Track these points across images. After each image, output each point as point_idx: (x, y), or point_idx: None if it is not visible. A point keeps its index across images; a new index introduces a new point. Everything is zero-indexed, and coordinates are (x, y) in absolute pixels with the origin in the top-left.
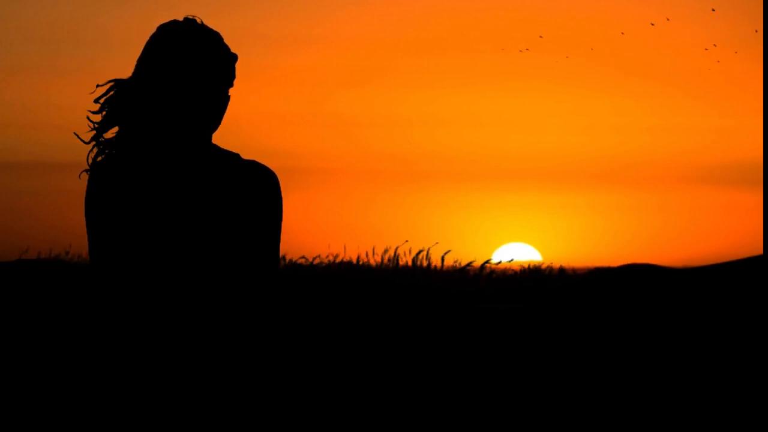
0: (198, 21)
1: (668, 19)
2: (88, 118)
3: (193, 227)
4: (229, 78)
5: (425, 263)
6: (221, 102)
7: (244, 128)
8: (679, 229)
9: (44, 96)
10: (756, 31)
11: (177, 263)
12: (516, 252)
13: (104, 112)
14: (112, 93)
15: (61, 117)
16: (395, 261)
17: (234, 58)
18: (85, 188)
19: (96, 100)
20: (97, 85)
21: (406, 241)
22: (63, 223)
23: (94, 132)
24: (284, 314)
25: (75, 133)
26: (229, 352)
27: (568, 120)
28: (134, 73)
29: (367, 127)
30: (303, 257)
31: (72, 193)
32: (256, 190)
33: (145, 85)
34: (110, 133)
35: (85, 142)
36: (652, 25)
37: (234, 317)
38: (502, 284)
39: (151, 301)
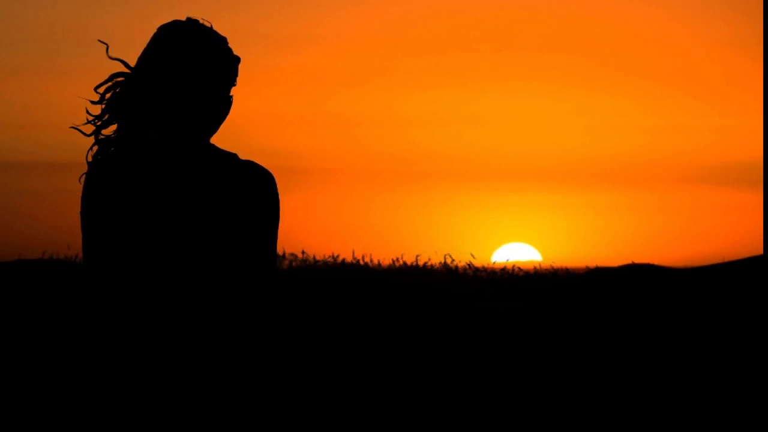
0: (204, 23)
1: None
2: (87, 110)
3: (189, 227)
4: (230, 79)
5: (425, 263)
6: (221, 103)
7: (243, 128)
8: (679, 229)
9: (44, 96)
10: None
11: (172, 263)
12: (516, 252)
13: (103, 106)
14: (112, 86)
15: (60, 117)
16: (395, 261)
17: (236, 60)
18: (82, 187)
19: (96, 89)
20: (106, 46)
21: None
22: (63, 223)
23: (92, 125)
24: (282, 314)
25: (75, 127)
26: (225, 352)
27: (568, 120)
28: (135, 70)
29: (367, 127)
30: (302, 257)
31: (71, 193)
32: (253, 190)
33: (146, 83)
34: (110, 130)
35: (85, 135)
36: None
37: (231, 317)
38: (502, 284)
39: (147, 302)
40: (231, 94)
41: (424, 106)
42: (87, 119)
